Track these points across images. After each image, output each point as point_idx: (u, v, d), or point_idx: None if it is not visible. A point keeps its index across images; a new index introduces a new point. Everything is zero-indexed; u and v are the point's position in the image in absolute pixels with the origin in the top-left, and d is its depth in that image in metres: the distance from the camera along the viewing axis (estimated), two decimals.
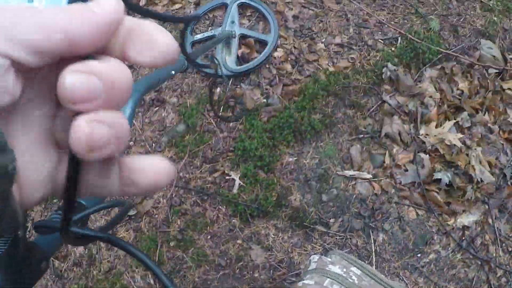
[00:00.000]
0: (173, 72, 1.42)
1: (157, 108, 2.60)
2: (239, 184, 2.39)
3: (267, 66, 2.64)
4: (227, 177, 2.43)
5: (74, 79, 0.29)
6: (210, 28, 2.77)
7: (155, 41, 0.33)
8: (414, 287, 2.31)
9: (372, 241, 2.35)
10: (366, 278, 1.32)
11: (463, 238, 2.39)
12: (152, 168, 0.36)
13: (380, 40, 2.76)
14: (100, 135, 0.30)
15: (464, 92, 2.65)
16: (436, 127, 2.54)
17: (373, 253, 2.33)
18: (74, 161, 0.31)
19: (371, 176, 2.45)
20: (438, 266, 2.34)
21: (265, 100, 2.57)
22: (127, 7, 0.34)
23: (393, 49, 2.73)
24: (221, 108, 2.52)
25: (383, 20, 2.80)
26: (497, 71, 2.73)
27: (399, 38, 2.76)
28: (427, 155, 2.49)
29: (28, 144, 0.32)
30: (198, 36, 2.69)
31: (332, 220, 2.36)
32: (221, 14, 2.79)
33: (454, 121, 2.56)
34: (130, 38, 0.33)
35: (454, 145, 2.49)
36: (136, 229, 2.38)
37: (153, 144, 2.52)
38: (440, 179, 2.40)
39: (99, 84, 0.30)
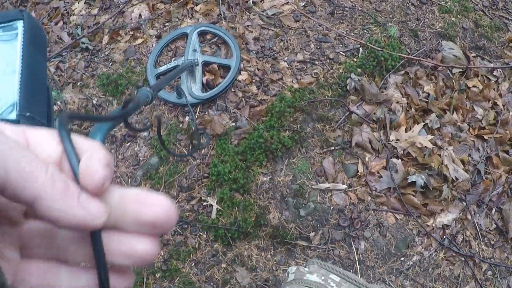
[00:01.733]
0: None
1: (129, 143, 2.70)
2: (217, 208, 2.49)
3: (233, 90, 2.76)
4: (204, 203, 2.52)
5: None
6: (173, 59, 2.89)
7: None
8: None
9: (355, 250, 2.44)
10: (346, 283, 1.40)
11: (444, 236, 2.48)
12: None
13: (342, 53, 2.89)
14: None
15: (430, 94, 2.78)
16: (406, 131, 2.66)
17: (357, 261, 2.42)
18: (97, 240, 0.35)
19: (346, 187, 2.55)
20: (423, 267, 2.43)
21: (233, 124, 2.68)
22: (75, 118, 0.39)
23: (355, 60, 2.86)
24: (191, 137, 2.63)
25: (343, 32, 2.93)
26: (461, 70, 2.87)
27: (360, 49, 2.90)
28: (400, 159, 2.60)
29: None
30: (162, 68, 2.80)
31: (312, 234, 2.46)
32: (183, 44, 2.92)
33: (423, 123, 2.68)
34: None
35: (425, 147, 2.60)
36: None
37: (129, 179, 2.62)
38: (415, 182, 2.50)
39: None
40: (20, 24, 0.61)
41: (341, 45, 2.92)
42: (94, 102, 2.83)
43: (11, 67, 0.60)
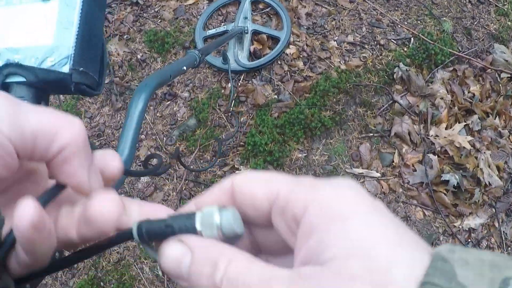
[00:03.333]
0: (184, 67, 1.45)
1: (169, 102, 2.68)
2: None
3: (279, 62, 2.72)
4: (236, 172, 2.50)
5: None
6: (223, 23, 2.85)
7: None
8: None
9: None
10: None
11: (469, 240, 2.44)
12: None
13: (393, 40, 2.83)
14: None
15: (475, 95, 2.71)
16: (446, 128, 2.61)
17: None
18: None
19: (379, 175, 2.51)
20: None
21: (276, 96, 2.64)
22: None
23: (405, 49, 2.80)
24: (232, 103, 2.60)
25: (397, 20, 2.88)
26: (509, 75, 2.80)
27: (412, 39, 2.83)
28: (436, 156, 2.55)
29: None
30: (211, 32, 2.76)
31: None
32: (234, 10, 2.88)
33: (464, 123, 2.62)
34: None
35: (464, 147, 2.55)
36: None
37: (164, 138, 2.60)
38: (448, 181, 2.45)
39: None
40: None
41: (393, 33, 2.86)
42: (139, 57, 2.80)
43: (68, 19, 0.60)
